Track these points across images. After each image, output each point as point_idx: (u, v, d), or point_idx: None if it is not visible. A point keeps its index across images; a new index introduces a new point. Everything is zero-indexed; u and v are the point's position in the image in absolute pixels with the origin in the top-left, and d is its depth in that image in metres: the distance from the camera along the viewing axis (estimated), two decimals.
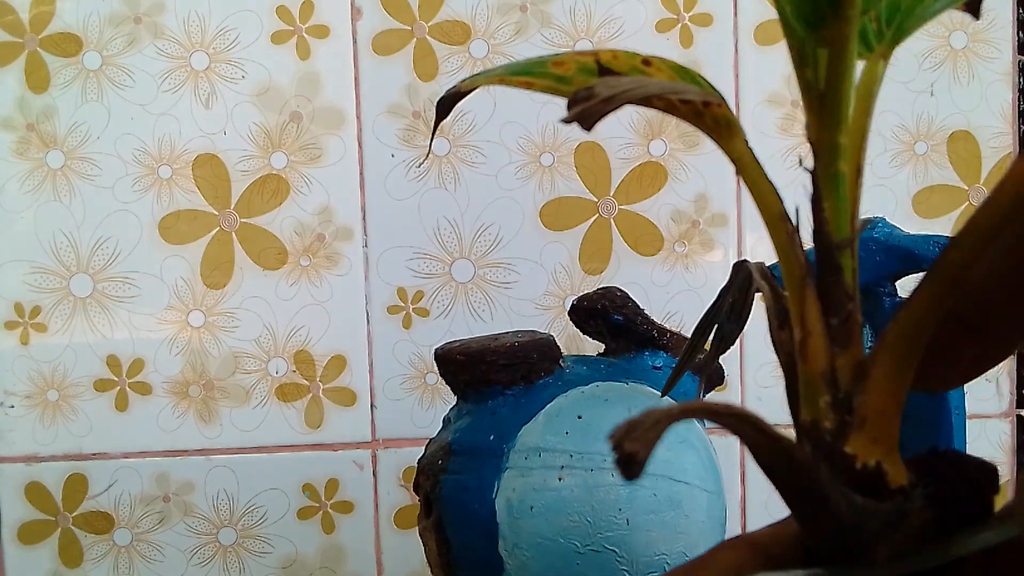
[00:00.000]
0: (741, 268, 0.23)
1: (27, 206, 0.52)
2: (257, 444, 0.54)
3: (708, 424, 0.54)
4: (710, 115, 0.18)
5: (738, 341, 0.55)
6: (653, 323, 0.36)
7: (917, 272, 0.32)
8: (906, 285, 0.26)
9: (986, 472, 0.18)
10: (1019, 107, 0.56)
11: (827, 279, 0.18)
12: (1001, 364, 0.61)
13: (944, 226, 0.56)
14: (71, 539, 0.53)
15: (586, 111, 0.16)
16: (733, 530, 0.56)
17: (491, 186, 0.54)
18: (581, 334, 0.38)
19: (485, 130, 0.54)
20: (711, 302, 0.24)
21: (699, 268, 0.55)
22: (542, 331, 0.36)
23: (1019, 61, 0.55)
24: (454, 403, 0.36)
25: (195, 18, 0.52)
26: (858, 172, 0.19)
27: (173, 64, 0.52)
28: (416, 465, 0.36)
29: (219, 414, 0.53)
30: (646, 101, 0.17)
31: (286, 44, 0.53)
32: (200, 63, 0.53)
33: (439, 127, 0.23)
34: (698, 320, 0.25)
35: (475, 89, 0.21)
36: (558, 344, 0.35)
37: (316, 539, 0.54)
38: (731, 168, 0.55)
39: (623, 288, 0.38)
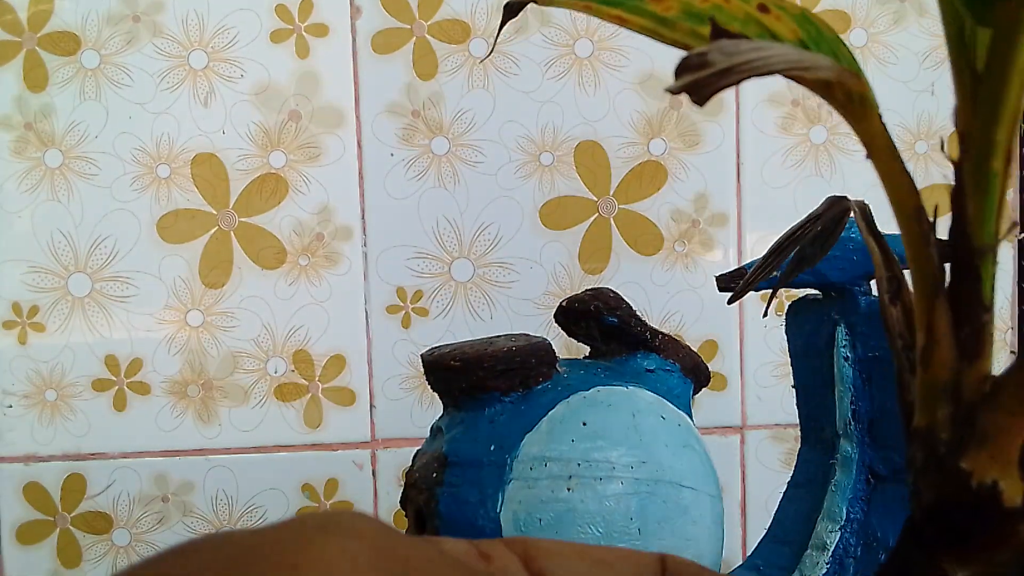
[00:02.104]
0: (838, 203, 0.21)
1: (25, 205, 0.52)
2: (256, 444, 0.54)
3: (706, 425, 0.53)
4: (842, 89, 0.16)
5: (738, 341, 0.55)
6: (646, 325, 0.35)
7: None
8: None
9: None
10: None
11: (965, 286, 0.16)
12: (1001, 364, 0.61)
13: (944, 225, 0.55)
14: (70, 539, 0.53)
15: (700, 83, 0.14)
16: (732, 530, 0.56)
17: (491, 185, 0.54)
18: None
19: (485, 129, 0.53)
20: (793, 226, 0.22)
21: (699, 267, 0.55)
22: (534, 334, 0.34)
23: None
24: (443, 412, 0.35)
25: (194, 17, 0.52)
26: (1008, 165, 0.16)
27: (172, 63, 0.52)
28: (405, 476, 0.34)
29: (218, 414, 0.53)
30: (768, 73, 0.15)
31: (285, 43, 0.53)
32: (199, 62, 0.52)
33: (503, 29, 0.20)
34: (777, 239, 0.22)
35: (547, 5, 0.19)
36: (553, 348, 0.34)
37: None
38: (731, 167, 0.56)
39: (622, 288, 0.37)
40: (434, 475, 0.32)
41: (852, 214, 0.20)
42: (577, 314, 0.35)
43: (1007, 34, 0.15)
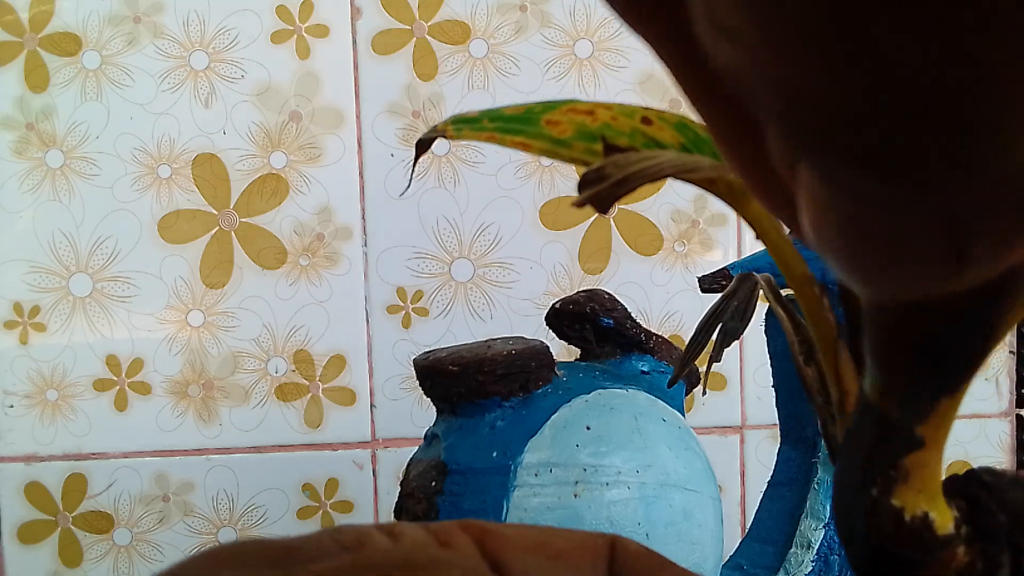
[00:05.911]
0: (746, 280, 0.23)
1: (26, 205, 0.52)
2: (257, 444, 0.54)
3: (706, 425, 0.53)
4: (723, 183, 0.18)
5: (737, 342, 0.55)
6: (640, 326, 0.35)
7: None
8: None
9: None
10: None
11: (860, 339, 0.18)
12: (1001, 363, 0.61)
13: None
14: (71, 539, 0.53)
15: (600, 195, 0.15)
16: (731, 530, 0.56)
17: (491, 185, 0.54)
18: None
19: None
20: (712, 305, 0.24)
21: (699, 268, 0.55)
22: (530, 337, 0.33)
23: None
24: (437, 417, 0.34)
25: (195, 17, 0.52)
26: None
27: (172, 64, 0.52)
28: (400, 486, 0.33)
29: (218, 414, 0.53)
30: (659, 178, 0.17)
31: (286, 44, 0.53)
32: (199, 63, 0.53)
33: (417, 163, 0.22)
34: (700, 320, 0.25)
35: (457, 139, 0.20)
36: (551, 350, 0.33)
37: None
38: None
39: (622, 288, 0.37)
40: (433, 483, 0.31)
41: (772, 303, 0.21)
42: (572, 316, 0.35)
43: None
